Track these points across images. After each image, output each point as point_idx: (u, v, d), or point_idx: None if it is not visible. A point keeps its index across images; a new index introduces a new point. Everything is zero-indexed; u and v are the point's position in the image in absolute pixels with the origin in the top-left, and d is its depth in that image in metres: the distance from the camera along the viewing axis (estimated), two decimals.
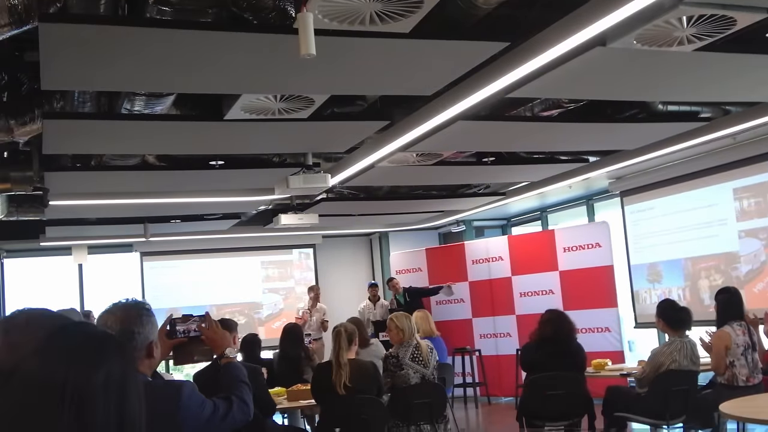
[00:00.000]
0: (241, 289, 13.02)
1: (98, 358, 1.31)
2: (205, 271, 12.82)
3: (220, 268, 12.93)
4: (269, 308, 13.19)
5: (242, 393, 2.84)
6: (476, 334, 11.48)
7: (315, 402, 5.92)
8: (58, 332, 1.38)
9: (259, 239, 12.68)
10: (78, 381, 1.27)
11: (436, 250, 12.72)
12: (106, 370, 1.30)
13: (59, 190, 7.61)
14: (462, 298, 11.71)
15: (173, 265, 12.67)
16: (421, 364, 6.29)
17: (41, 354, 1.31)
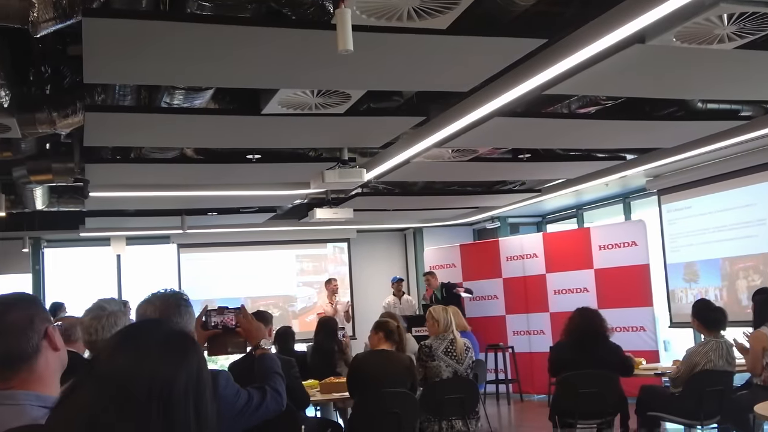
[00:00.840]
0: (275, 282, 13.12)
1: (182, 356, 1.35)
2: (240, 263, 12.94)
3: (256, 261, 13.04)
4: (303, 301, 13.28)
5: (276, 384, 2.88)
6: (509, 331, 11.45)
7: (348, 395, 5.96)
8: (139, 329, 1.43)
9: (294, 233, 12.76)
10: (166, 378, 1.31)
11: (470, 247, 12.70)
12: (187, 366, 1.34)
13: (99, 181, 7.73)
14: (495, 295, 11.69)
15: (209, 257, 12.81)
16: (454, 359, 6.31)
17: (128, 351, 1.35)
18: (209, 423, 1.38)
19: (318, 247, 13.52)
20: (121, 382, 1.30)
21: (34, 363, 1.77)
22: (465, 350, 6.40)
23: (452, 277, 12.03)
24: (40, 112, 5.30)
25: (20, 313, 1.79)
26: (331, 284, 11.75)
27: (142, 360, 1.33)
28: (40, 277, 11.87)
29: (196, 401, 1.34)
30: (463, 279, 12.07)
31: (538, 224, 13.65)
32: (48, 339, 1.81)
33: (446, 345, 6.35)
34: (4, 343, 1.75)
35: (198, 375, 1.36)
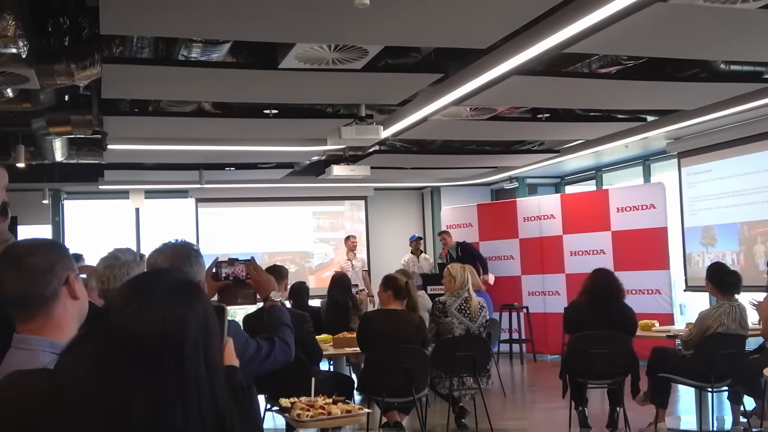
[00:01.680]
0: (292, 238, 13.20)
1: (188, 304, 1.37)
2: (258, 218, 13.01)
3: (273, 217, 13.10)
4: (320, 258, 13.36)
5: (285, 335, 2.92)
6: (525, 292, 11.48)
7: (360, 350, 6.03)
8: (147, 278, 1.45)
9: (312, 189, 12.80)
10: (176, 330, 1.33)
11: (488, 206, 12.69)
12: (195, 315, 1.36)
13: (117, 134, 7.78)
14: (512, 255, 11.70)
15: (227, 212, 12.89)
16: (467, 317, 6.37)
17: (137, 298, 1.37)
18: (219, 371, 1.40)
19: (335, 204, 13.56)
20: (131, 334, 1.32)
21: (52, 308, 1.79)
22: (479, 309, 6.45)
23: (469, 237, 12.04)
24: (58, 64, 5.33)
25: (42, 257, 1.81)
26: (350, 241, 11.82)
27: (151, 310, 1.34)
28: (59, 228, 12.01)
29: (205, 351, 1.36)
30: (480, 239, 12.08)
31: (556, 185, 13.59)
32: (68, 286, 1.82)
33: (460, 302, 6.41)
34: (22, 284, 1.77)
35: (205, 323, 1.38)
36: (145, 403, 1.28)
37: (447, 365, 6.28)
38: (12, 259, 1.81)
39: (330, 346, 6.50)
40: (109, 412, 1.28)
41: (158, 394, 1.29)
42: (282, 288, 5.79)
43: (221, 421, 1.35)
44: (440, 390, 6.50)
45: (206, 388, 1.34)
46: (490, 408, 6.61)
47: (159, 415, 1.29)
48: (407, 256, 12.06)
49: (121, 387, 1.29)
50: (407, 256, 12.06)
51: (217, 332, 1.44)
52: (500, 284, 11.39)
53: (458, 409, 6.72)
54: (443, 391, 6.47)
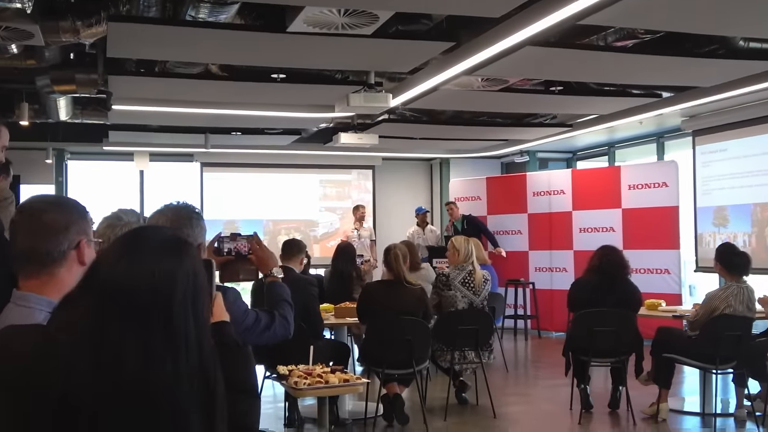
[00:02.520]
0: (298, 205, 13.22)
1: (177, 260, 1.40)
2: (263, 185, 13.03)
3: (279, 184, 13.12)
4: (325, 227, 13.39)
5: (285, 311, 2.95)
6: (531, 267, 11.51)
7: (358, 317, 6.08)
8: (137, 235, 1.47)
9: (319, 157, 12.79)
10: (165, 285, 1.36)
11: (497, 180, 12.68)
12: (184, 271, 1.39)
13: (123, 94, 7.78)
14: (519, 230, 11.70)
15: (232, 177, 12.91)
16: (471, 291, 6.39)
17: (128, 253, 1.39)
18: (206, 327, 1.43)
19: (342, 173, 13.56)
20: (122, 288, 1.35)
21: (57, 269, 1.79)
22: (483, 282, 6.47)
23: (477, 210, 12.04)
24: (63, 20, 5.32)
25: (58, 216, 1.80)
26: (359, 211, 11.84)
27: (141, 264, 1.37)
28: (63, 189, 12.04)
29: (194, 307, 1.39)
30: (488, 212, 12.08)
31: (567, 160, 13.56)
32: (78, 251, 1.82)
33: (464, 276, 6.43)
34: (33, 239, 1.77)
35: (194, 279, 1.41)
36: (136, 356, 1.31)
37: (449, 338, 6.32)
38: (29, 212, 1.82)
39: (332, 316, 6.54)
40: (102, 365, 1.30)
41: (149, 347, 1.32)
42: (299, 262, 5.88)
43: (205, 378, 1.38)
44: (441, 363, 6.55)
45: (194, 344, 1.37)
46: (491, 383, 6.66)
47: (150, 367, 1.32)
48: (413, 228, 12.11)
49: (113, 339, 1.32)
50: (413, 228, 12.11)
51: (206, 289, 1.47)
52: (507, 259, 11.42)
53: (459, 383, 6.77)
54: (444, 364, 6.52)
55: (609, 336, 6.10)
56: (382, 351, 5.79)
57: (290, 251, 5.91)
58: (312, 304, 5.66)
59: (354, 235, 11.58)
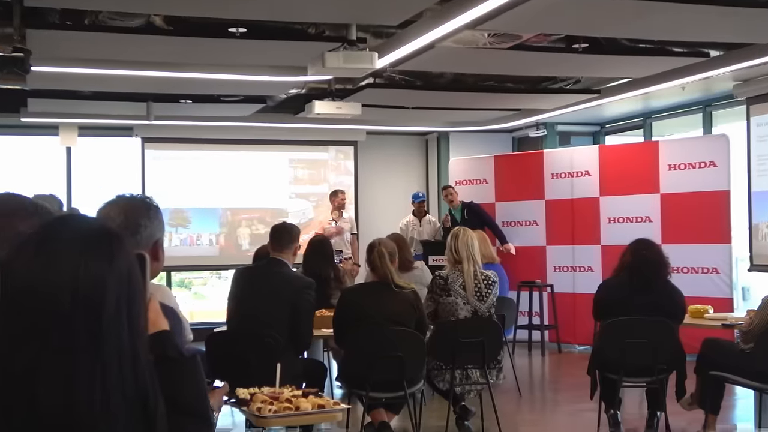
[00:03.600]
0: (262, 191, 13.19)
1: (108, 256, 1.37)
2: (219, 166, 12.97)
3: (238, 164, 13.07)
4: (296, 217, 13.34)
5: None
6: (549, 266, 11.53)
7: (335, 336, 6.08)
8: (55, 227, 1.44)
9: (288, 131, 12.75)
10: (92, 284, 1.33)
11: (508, 159, 12.68)
12: (116, 268, 1.36)
13: (45, 53, 7.71)
14: (535, 221, 11.72)
15: (181, 156, 12.84)
16: (475, 296, 6.39)
17: (41, 253, 1.36)
18: (143, 338, 1.41)
19: (317, 151, 13.53)
20: (35, 296, 1.32)
21: None
22: (489, 285, 6.47)
23: (483, 197, 12.06)
24: None
25: None
26: (338, 198, 11.84)
27: (60, 267, 1.34)
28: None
29: (129, 317, 1.36)
30: (496, 199, 12.10)
31: (594, 135, 13.58)
32: None
33: (467, 277, 6.43)
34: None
35: (129, 280, 1.38)
36: (53, 384, 1.28)
37: (448, 354, 6.32)
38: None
39: None
40: (8, 399, 1.28)
41: (71, 371, 1.30)
42: (292, 253, 5.86)
43: (143, 397, 1.36)
44: (439, 384, 6.55)
45: (129, 362, 1.35)
46: (499, 409, 6.66)
47: (72, 397, 1.29)
48: (407, 217, 12.12)
49: (24, 361, 1.29)
50: (407, 217, 12.12)
51: (142, 291, 1.45)
52: (520, 256, 11.44)
53: (460, 409, 6.78)
54: (442, 386, 6.52)
55: (644, 350, 6.11)
56: (367, 369, 5.78)
57: (281, 239, 5.86)
58: (306, 313, 5.67)
59: (331, 228, 11.57)
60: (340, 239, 11.56)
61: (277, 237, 5.90)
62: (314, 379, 5.95)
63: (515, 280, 11.03)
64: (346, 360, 6.02)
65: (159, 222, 2.65)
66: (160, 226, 2.66)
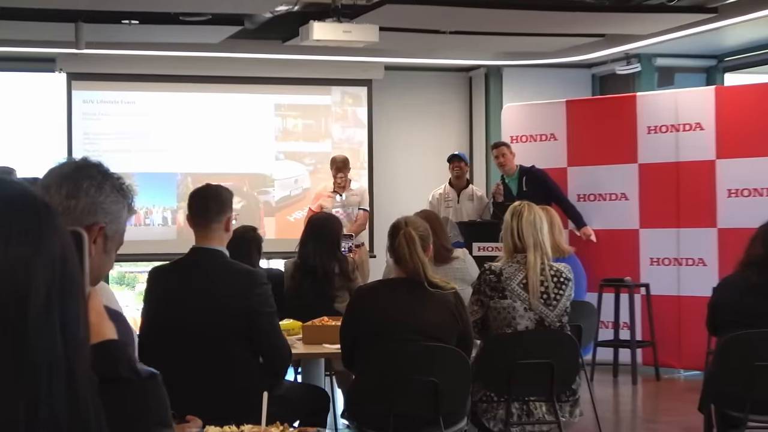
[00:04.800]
0: (237, 150, 13.18)
1: (35, 234, 1.38)
2: (177, 115, 12.98)
3: (204, 112, 13.07)
4: (285, 186, 13.37)
5: None
6: (643, 257, 11.48)
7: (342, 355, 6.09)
8: None
9: (274, 65, 12.76)
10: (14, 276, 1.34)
11: (586, 105, 12.59)
12: (47, 253, 1.37)
13: None
14: (624, 193, 11.65)
15: (123, 100, 12.85)
16: (541, 299, 6.37)
17: None
18: (84, 347, 1.42)
19: (315, 93, 13.52)
20: None
21: None
22: (561, 284, 6.45)
23: (550, 158, 11.99)
24: None
25: None
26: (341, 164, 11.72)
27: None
28: None
29: (63, 316, 1.38)
30: (569, 162, 12.04)
31: (708, 72, 13.53)
32: None
33: (530, 273, 6.41)
34: None
35: (63, 270, 1.40)
36: None
37: (502, 381, 6.32)
38: None
39: (297, 341, 6.54)
40: None
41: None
42: (224, 229, 5.74)
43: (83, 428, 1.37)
44: (488, 423, 6.54)
45: (64, 378, 1.36)
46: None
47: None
48: (441, 188, 12.03)
49: None
50: (441, 188, 12.03)
51: (81, 284, 1.46)
52: (602, 243, 11.39)
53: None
54: (494, 425, 6.50)
55: None
56: (387, 401, 5.78)
57: (206, 213, 5.71)
58: (268, 319, 5.63)
59: (336, 201, 11.54)
60: (346, 217, 11.51)
61: (200, 209, 5.70)
62: (313, 412, 5.98)
63: (596, 277, 10.99)
64: (357, 388, 6.02)
65: (115, 196, 2.74)
66: (116, 200, 2.75)
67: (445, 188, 12.12)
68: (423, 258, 5.85)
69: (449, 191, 12.08)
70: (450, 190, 12.08)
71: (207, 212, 5.65)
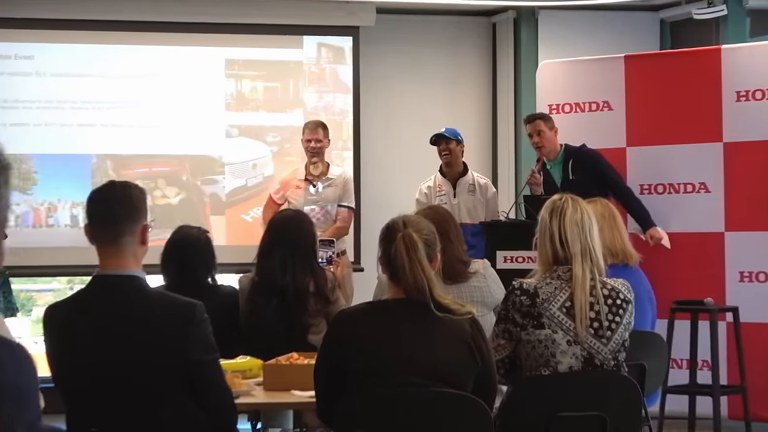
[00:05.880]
0: (173, 123, 13.21)
1: None
2: (92, 74, 13.02)
3: (127, 72, 13.11)
4: (239, 173, 13.42)
5: None
6: (731, 271, 11.49)
7: (318, 405, 6.11)
8: None
9: (224, 7, 12.79)
10: None
11: (651, 62, 12.62)
12: None
13: None
14: (703, 183, 11.68)
15: (16, 53, 12.89)
16: (590, 329, 6.37)
17: None
18: None
19: (281, 45, 13.56)
20: None
21: None
22: (617, 308, 6.45)
23: (602, 134, 12.01)
24: None
25: None
26: (311, 125, 11.74)
27: None
28: None
29: None
30: (629, 141, 12.05)
31: None
32: None
33: (576, 293, 6.41)
34: None
35: None
36: None
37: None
38: None
39: (257, 386, 6.55)
40: None
41: None
42: (139, 242, 5.68)
43: None
44: None
45: None
46: None
47: None
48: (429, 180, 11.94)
49: None
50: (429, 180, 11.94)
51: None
52: (676, 252, 11.40)
53: None
54: None
55: None
56: None
57: (111, 220, 5.66)
58: (211, 368, 5.64)
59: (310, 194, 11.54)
60: (325, 215, 11.52)
61: (103, 218, 5.58)
62: None
63: (666, 298, 11.01)
64: None
65: None
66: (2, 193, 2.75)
67: (435, 179, 12.09)
68: (429, 271, 5.82)
69: (441, 182, 12.04)
70: (443, 181, 12.05)
71: (113, 222, 5.52)
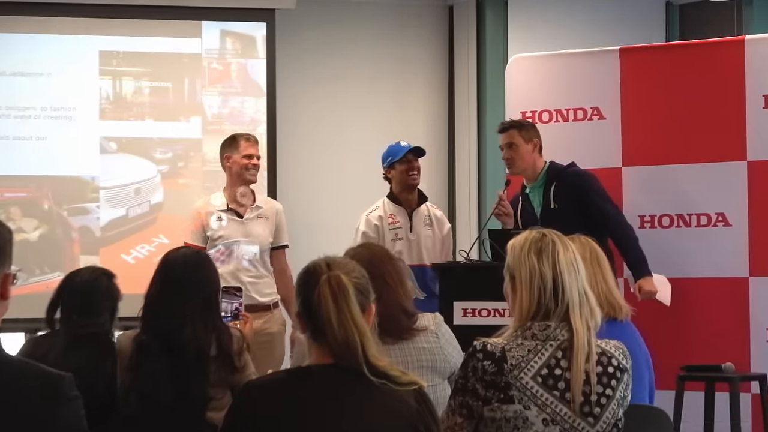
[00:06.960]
0: (31, 135, 13.25)
1: None
2: None
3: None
4: (118, 201, 13.46)
5: None
6: (756, 329, 11.57)
7: None
8: None
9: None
10: None
11: (655, 56, 12.69)
12: None
13: None
14: (721, 213, 11.75)
15: None
16: (575, 408, 6.42)
17: None
18: None
19: (174, 34, 13.63)
20: None
21: None
22: (609, 377, 6.51)
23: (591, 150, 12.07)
24: None
25: None
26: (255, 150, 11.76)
27: None
28: None
29: None
30: (625, 160, 12.11)
31: None
32: None
33: (553, 356, 6.47)
34: None
35: None
36: None
37: None
38: None
39: None
40: None
41: None
42: None
43: None
44: None
45: None
46: None
47: None
48: (377, 207, 11.91)
49: None
50: (377, 207, 11.91)
51: None
52: (684, 303, 11.46)
53: None
54: None
55: None
56: None
57: None
58: None
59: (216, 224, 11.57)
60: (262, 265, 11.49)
61: None
62: None
63: (672, 361, 11.08)
64: None
65: None
66: None
67: (384, 207, 11.99)
68: (362, 324, 5.83)
69: (394, 212, 11.93)
70: (396, 210, 11.94)
71: None
